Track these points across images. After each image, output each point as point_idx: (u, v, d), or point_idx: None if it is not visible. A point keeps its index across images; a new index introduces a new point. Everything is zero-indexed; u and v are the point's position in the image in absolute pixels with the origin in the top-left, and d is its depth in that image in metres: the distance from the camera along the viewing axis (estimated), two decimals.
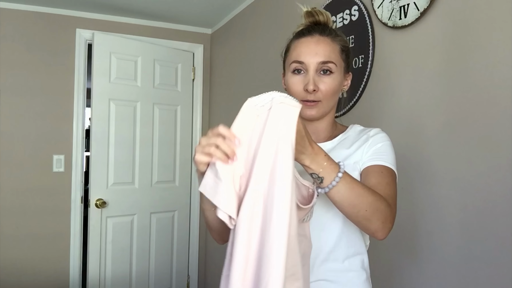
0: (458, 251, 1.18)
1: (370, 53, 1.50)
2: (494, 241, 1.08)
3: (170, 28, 3.09)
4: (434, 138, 1.26)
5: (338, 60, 0.91)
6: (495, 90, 1.08)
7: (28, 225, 2.68)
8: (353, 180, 0.75)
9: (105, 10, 2.80)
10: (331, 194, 0.74)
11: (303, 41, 0.91)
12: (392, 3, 1.39)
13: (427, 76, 1.29)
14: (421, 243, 1.29)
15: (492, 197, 1.08)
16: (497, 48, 1.07)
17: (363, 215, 0.75)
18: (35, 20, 2.72)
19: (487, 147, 1.10)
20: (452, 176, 1.20)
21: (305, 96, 0.89)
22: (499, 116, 1.07)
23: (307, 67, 0.89)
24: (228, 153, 0.63)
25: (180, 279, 3.08)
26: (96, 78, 2.68)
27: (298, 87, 0.90)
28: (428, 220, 1.27)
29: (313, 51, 0.89)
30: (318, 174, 0.72)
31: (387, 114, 1.45)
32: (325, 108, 0.92)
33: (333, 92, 0.91)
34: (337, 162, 0.74)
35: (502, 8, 1.06)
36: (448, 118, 1.22)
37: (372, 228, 0.78)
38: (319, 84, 0.89)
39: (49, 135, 2.74)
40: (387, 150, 0.91)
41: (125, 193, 2.81)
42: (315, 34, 0.91)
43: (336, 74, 0.91)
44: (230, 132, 0.65)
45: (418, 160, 1.30)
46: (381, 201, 0.77)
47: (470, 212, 1.14)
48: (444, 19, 1.23)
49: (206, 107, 3.23)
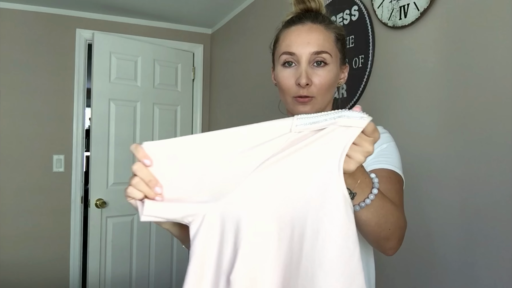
0: (458, 251, 1.18)
1: (370, 53, 1.50)
2: (494, 241, 1.08)
3: (170, 28, 3.09)
4: (434, 138, 1.26)
5: (333, 50, 0.82)
6: (495, 90, 1.08)
7: (28, 225, 2.68)
8: (384, 196, 0.66)
9: (105, 10, 2.80)
10: (359, 213, 0.64)
11: (294, 30, 0.82)
12: (392, 3, 1.39)
13: (427, 76, 1.29)
14: (421, 243, 1.29)
15: (492, 197, 1.08)
16: (497, 48, 1.07)
17: (385, 235, 0.68)
18: (35, 20, 2.72)
19: (487, 147, 1.10)
20: (452, 176, 1.20)
21: (298, 91, 0.80)
22: (499, 116, 1.07)
23: (299, 59, 0.80)
24: (146, 195, 0.57)
25: (180, 279, 3.08)
26: (96, 78, 2.68)
27: (289, 81, 0.81)
28: (428, 220, 1.27)
29: (305, 41, 0.80)
30: (351, 189, 0.61)
31: (387, 114, 1.45)
32: (320, 104, 0.82)
33: (328, 85, 0.81)
34: (370, 176, 0.64)
35: (502, 8, 1.06)
36: (448, 118, 1.22)
37: (388, 246, 0.70)
38: (313, 77, 0.79)
39: (49, 135, 2.74)
40: (393, 151, 0.84)
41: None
42: (307, 22, 0.82)
43: (332, 66, 0.81)
44: (143, 172, 0.56)
45: (417, 160, 1.30)
46: (402, 218, 0.71)
47: (470, 212, 1.14)
48: (444, 19, 1.23)
49: (206, 107, 3.23)
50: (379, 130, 0.84)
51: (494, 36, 1.09)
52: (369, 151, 0.55)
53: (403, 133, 1.35)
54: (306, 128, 0.53)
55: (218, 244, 0.56)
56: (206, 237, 0.56)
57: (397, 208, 0.70)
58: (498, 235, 1.06)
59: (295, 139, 0.54)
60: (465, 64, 1.16)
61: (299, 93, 0.80)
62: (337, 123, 0.52)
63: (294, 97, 0.82)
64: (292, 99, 0.82)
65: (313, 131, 0.54)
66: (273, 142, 0.55)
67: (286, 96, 0.84)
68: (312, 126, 0.53)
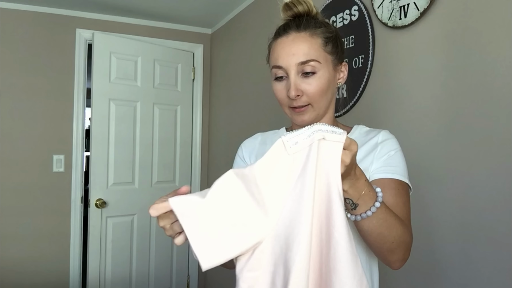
0: (458, 251, 1.18)
1: (370, 53, 1.50)
2: (494, 241, 1.08)
3: (170, 28, 3.09)
4: (434, 138, 1.26)
5: (321, 56, 0.80)
6: (495, 90, 1.08)
7: (28, 225, 2.68)
8: (388, 210, 0.68)
9: (105, 10, 2.80)
10: (361, 223, 0.66)
11: (279, 43, 0.82)
12: (392, 3, 1.39)
13: (427, 76, 1.29)
14: (421, 243, 1.29)
15: (492, 197, 1.08)
16: (497, 48, 1.07)
17: (388, 247, 0.69)
18: (35, 20, 2.72)
19: (487, 147, 1.10)
20: (452, 176, 1.20)
21: (291, 103, 0.81)
22: (499, 116, 1.07)
23: (287, 71, 0.80)
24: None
25: (180, 279, 3.08)
26: (96, 78, 2.68)
27: (282, 94, 0.82)
28: (428, 220, 1.27)
29: (290, 52, 0.79)
30: (354, 200, 0.63)
31: (387, 114, 1.45)
32: (318, 110, 0.82)
33: (321, 92, 0.80)
34: (375, 190, 0.66)
35: (502, 8, 1.06)
36: (448, 118, 1.22)
37: (392, 259, 0.72)
38: (303, 87, 0.79)
39: (49, 135, 2.74)
40: (400, 159, 0.83)
41: (125, 193, 2.81)
42: (291, 32, 0.80)
43: (322, 72, 0.80)
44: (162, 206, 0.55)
45: (417, 160, 1.30)
46: (408, 233, 0.72)
47: (470, 212, 1.14)
48: (444, 19, 1.23)
49: (206, 107, 3.23)
50: (384, 135, 0.86)
51: (494, 36, 1.09)
52: (346, 164, 0.57)
53: (402, 133, 1.35)
54: (297, 149, 0.57)
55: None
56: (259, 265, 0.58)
57: (402, 223, 0.71)
58: (498, 235, 1.06)
59: (294, 165, 0.57)
60: (465, 64, 1.16)
61: (293, 105, 0.81)
62: (315, 138, 0.56)
63: (289, 107, 0.83)
64: (290, 110, 0.84)
65: (304, 153, 0.57)
66: (279, 170, 0.58)
67: (283, 107, 0.86)
68: (297, 147, 0.57)
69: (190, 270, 3.15)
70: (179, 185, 3.06)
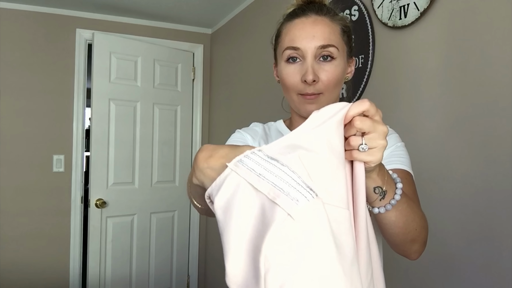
0: (458, 251, 1.18)
1: (370, 53, 1.51)
2: (494, 241, 1.08)
3: (170, 28, 3.09)
4: (433, 138, 1.26)
5: (339, 43, 0.77)
6: (495, 90, 1.08)
7: (28, 225, 2.68)
8: (406, 195, 0.62)
9: (105, 10, 2.80)
10: (389, 214, 0.59)
11: (297, 23, 0.76)
12: (392, 3, 1.39)
13: (427, 76, 1.29)
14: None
15: (492, 197, 1.08)
16: (497, 48, 1.08)
17: (412, 236, 0.63)
18: (35, 20, 2.72)
19: (487, 147, 1.10)
20: (452, 175, 1.20)
21: (304, 89, 0.75)
22: (499, 115, 1.07)
23: (304, 54, 0.74)
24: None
25: (180, 279, 3.08)
26: (96, 78, 2.68)
27: (294, 78, 0.76)
28: (427, 220, 1.27)
29: (310, 34, 0.74)
30: (382, 187, 0.56)
31: (387, 114, 1.45)
32: (328, 101, 0.76)
33: (336, 81, 0.76)
34: (388, 171, 0.59)
35: (502, 8, 1.07)
36: (448, 118, 1.22)
37: (413, 249, 0.65)
38: (320, 73, 0.74)
39: (49, 135, 2.74)
40: (405, 151, 0.80)
41: (125, 193, 2.81)
42: (311, 14, 0.76)
43: (339, 60, 0.76)
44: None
45: (417, 160, 1.30)
46: (425, 218, 0.66)
47: (470, 212, 1.14)
48: (444, 19, 1.23)
49: (206, 107, 3.23)
50: (389, 129, 0.79)
51: (494, 36, 1.09)
52: (385, 131, 0.51)
53: (403, 133, 1.35)
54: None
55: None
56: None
57: (419, 207, 0.66)
58: (498, 235, 1.06)
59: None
60: (465, 64, 1.17)
61: (306, 91, 0.75)
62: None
63: (300, 94, 0.76)
64: (298, 97, 0.78)
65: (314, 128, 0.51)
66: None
67: (291, 94, 0.79)
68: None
69: (190, 270, 3.15)
70: (179, 185, 3.07)
